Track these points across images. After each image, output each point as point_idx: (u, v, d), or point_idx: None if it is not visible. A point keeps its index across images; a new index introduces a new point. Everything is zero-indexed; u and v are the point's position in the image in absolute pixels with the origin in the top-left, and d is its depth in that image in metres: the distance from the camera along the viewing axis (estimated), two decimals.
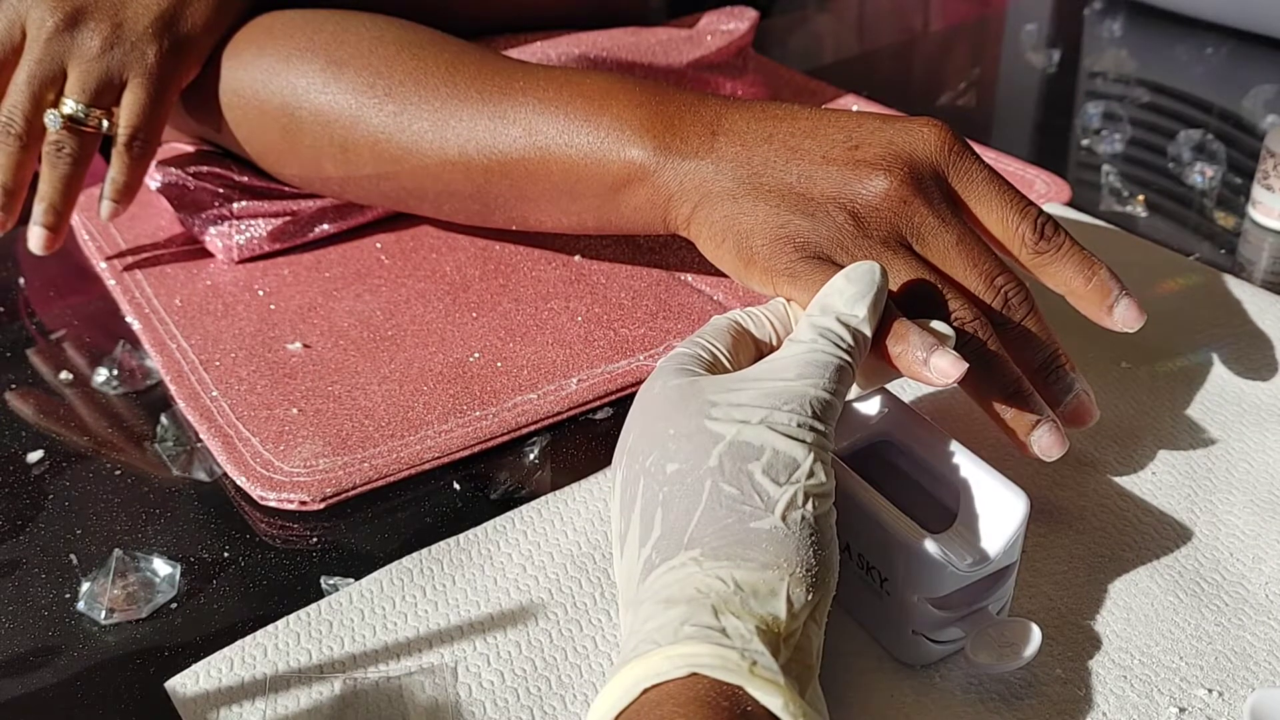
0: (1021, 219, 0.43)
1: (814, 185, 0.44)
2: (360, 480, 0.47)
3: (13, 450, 0.50)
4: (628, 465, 0.36)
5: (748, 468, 0.33)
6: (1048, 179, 0.68)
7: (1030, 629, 0.37)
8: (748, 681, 0.29)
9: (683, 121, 0.48)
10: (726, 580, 0.31)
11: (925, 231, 0.43)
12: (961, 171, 0.44)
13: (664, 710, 0.28)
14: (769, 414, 0.34)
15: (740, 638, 0.30)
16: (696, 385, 0.35)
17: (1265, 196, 0.64)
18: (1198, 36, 0.92)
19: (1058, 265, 0.43)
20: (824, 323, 0.37)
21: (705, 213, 0.46)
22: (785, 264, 0.42)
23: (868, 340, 0.37)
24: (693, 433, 0.34)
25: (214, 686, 0.38)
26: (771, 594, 0.31)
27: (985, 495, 0.37)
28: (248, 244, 0.62)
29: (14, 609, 0.42)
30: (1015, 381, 0.41)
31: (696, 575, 0.31)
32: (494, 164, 0.52)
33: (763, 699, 0.28)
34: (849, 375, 0.36)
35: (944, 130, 0.44)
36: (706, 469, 0.33)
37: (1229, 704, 0.36)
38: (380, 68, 0.55)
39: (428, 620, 0.40)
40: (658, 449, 0.34)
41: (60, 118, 0.56)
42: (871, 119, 0.46)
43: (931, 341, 0.38)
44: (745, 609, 0.30)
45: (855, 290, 0.37)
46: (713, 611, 0.30)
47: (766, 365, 0.36)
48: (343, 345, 0.55)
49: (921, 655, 0.38)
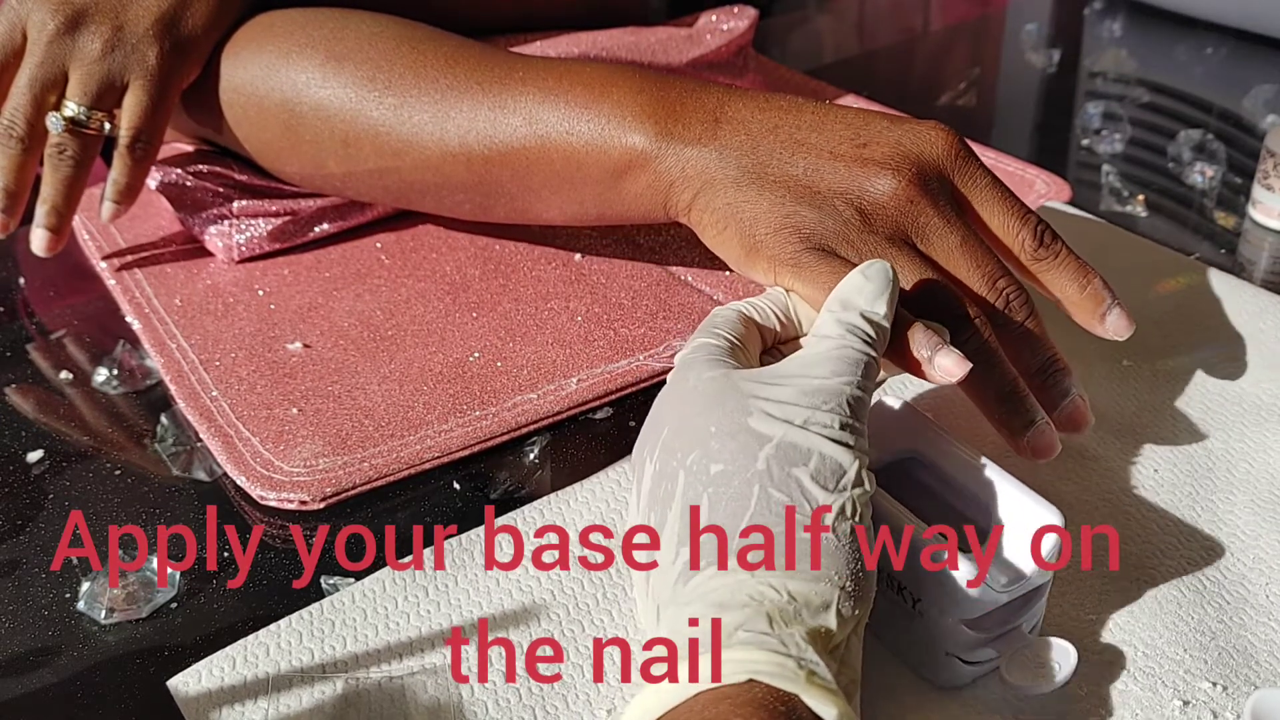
0: (1023, 225, 0.44)
1: (821, 179, 0.44)
2: (360, 480, 0.47)
3: (13, 450, 0.50)
4: (663, 460, 0.35)
5: (795, 473, 0.33)
6: (1048, 179, 0.68)
7: (1067, 649, 0.36)
8: (804, 690, 0.29)
9: (685, 108, 0.48)
10: (779, 589, 0.31)
11: (930, 232, 0.43)
12: (967, 175, 0.45)
13: (720, 709, 0.28)
14: (811, 414, 0.34)
15: (796, 646, 0.30)
16: (731, 380, 0.35)
17: (1265, 196, 0.64)
18: (1198, 36, 0.92)
19: (1055, 272, 0.44)
20: (849, 318, 0.36)
21: (707, 199, 0.46)
22: (790, 254, 0.42)
23: (888, 335, 0.37)
24: (735, 432, 0.34)
25: (216, 685, 0.38)
26: (824, 605, 0.31)
27: (1018, 512, 0.37)
28: (248, 243, 0.62)
29: (14, 609, 0.42)
30: (1013, 381, 0.41)
31: (748, 582, 0.32)
32: (495, 154, 0.52)
33: (818, 708, 0.29)
34: (875, 371, 0.36)
35: (950, 134, 0.45)
36: (754, 473, 0.33)
37: (1233, 698, 0.36)
38: (380, 61, 0.55)
39: (430, 620, 0.40)
40: (699, 447, 0.34)
41: (62, 120, 0.56)
42: (878, 118, 0.46)
43: (936, 340, 0.38)
44: (798, 619, 0.31)
45: (874, 287, 0.37)
46: (768, 620, 0.30)
47: (799, 362, 0.36)
48: (343, 345, 0.55)
49: (954, 677, 0.37)
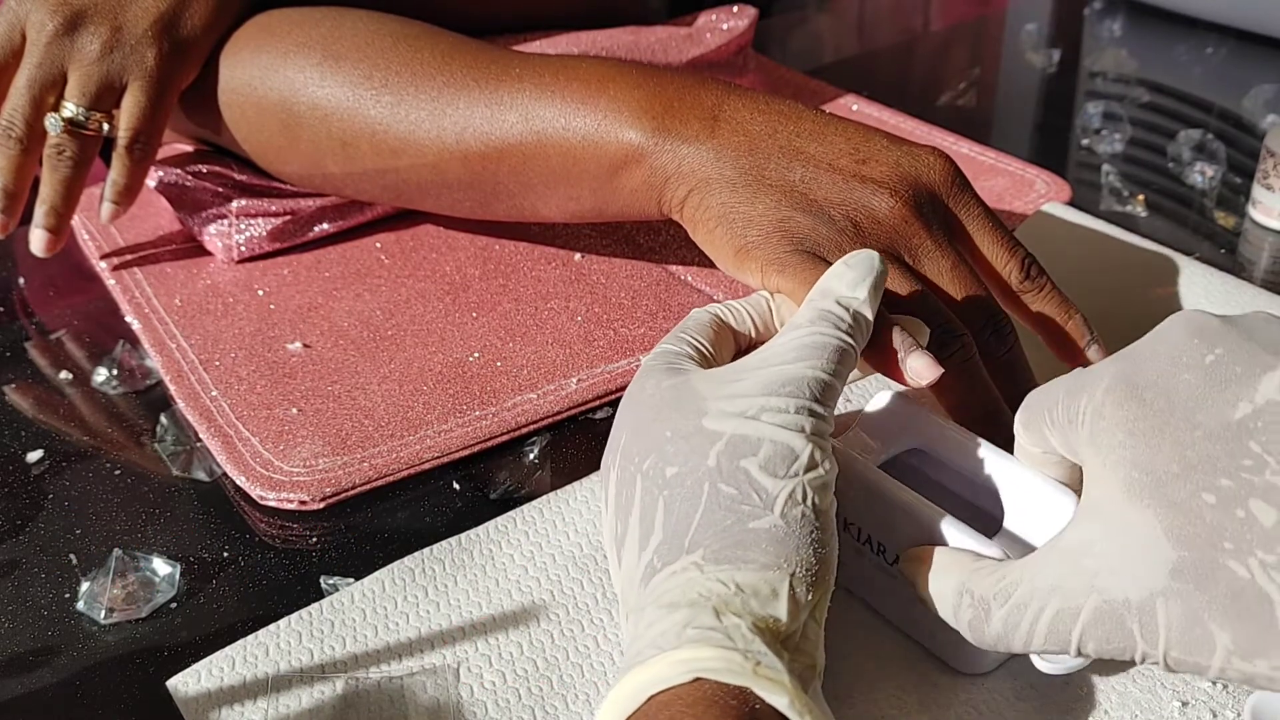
0: (1011, 256, 0.45)
1: (818, 189, 0.44)
2: (360, 480, 0.47)
3: (13, 450, 0.50)
4: (622, 467, 0.35)
5: (744, 465, 0.33)
6: (1048, 179, 0.68)
7: None
8: (752, 681, 0.29)
9: (682, 104, 0.48)
10: (728, 583, 0.31)
11: (922, 253, 0.43)
12: (960, 203, 0.45)
13: (672, 712, 0.28)
14: (765, 401, 0.34)
15: (743, 639, 0.30)
16: (689, 383, 0.35)
17: (1265, 196, 0.64)
18: (1198, 36, 0.92)
19: (1039, 304, 0.45)
20: (823, 305, 0.36)
21: (701, 198, 0.46)
22: (778, 255, 0.42)
23: (869, 323, 0.37)
24: (690, 434, 0.34)
25: (215, 686, 0.38)
26: (773, 594, 0.31)
27: (1032, 496, 0.37)
28: (247, 243, 0.62)
29: (14, 609, 0.42)
30: (995, 401, 0.42)
31: (698, 579, 0.31)
32: (492, 151, 0.52)
33: (768, 697, 0.28)
34: (850, 358, 0.36)
35: (948, 160, 0.46)
36: (705, 470, 0.33)
37: (1233, 696, 0.36)
38: (377, 60, 0.55)
39: (429, 621, 0.40)
40: (655, 452, 0.34)
41: (61, 121, 0.56)
42: (877, 135, 0.46)
43: (910, 342, 0.38)
44: (746, 610, 0.30)
45: (855, 274, 0.37)
46: (714, 614, 0.30)
47: (763, 352, 0.36)
48: (343, 345, 0.55)
49: (980, 664, 0.37)
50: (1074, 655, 0.31)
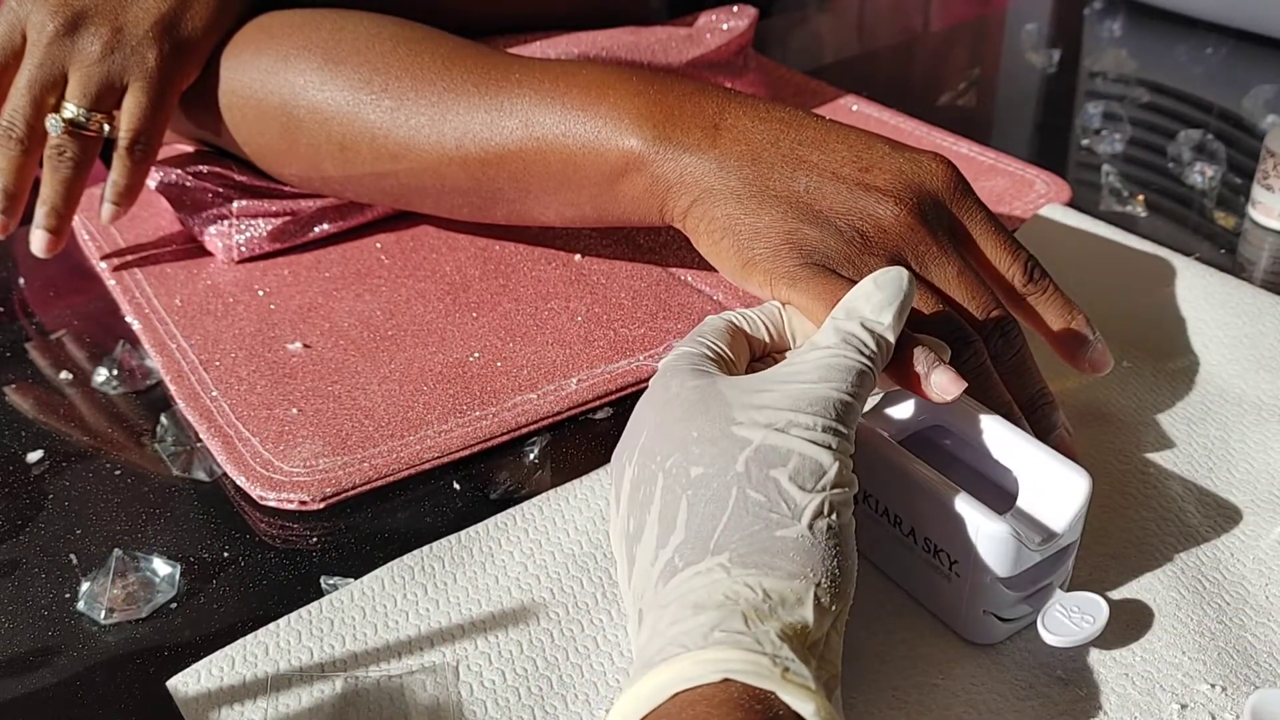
0: (1014, 259, 0.45)
1: (823, 198, 0.44)
2: (360, 480, 0.47)
3: (13, 450, 0.50)
4: (641, 464, 0.36)
5: (773, 474, 0.33)
6: (1048, 179, 0.68)
7: (1097, 601, 0.37)
8: (780, 687, 0.29)
9: (683, 112, 0.48)
10: (755, 588, 0.31)
11: (928, 259, 0.43)
12: (963, 208, 0.45)
13: (697, 711, 0.28)
14: (793, 416, 0.34)
15: (771, 644, 0.30)
16: (715, 388, 0.35)
17: (1265, 196, 0.64)
18: (1198, 36, 0.92)
19: (1042, 306, 0.45)
20: (849, 328, 0.37)
21: (704, 208, 0.46)
22: (787, 268, 0.42)
23: (891, 347, 0.37)
24: (717, 437, 0.34)
25: (215, 685, 0.38)
26: (799, 602, 0.31)
27: (1046, 474, 0.38)
28: (248, 244, 0.62)
29: (14, 609, 0.42)
30: (1007, 405, 0.42)
31: (724, 581, 0.32)
32: (492, 156, 0.52)
33: (795, 704, 0.29)
34: (870, 380, 0.36)
35: (950, 165, 0.46)
36: (733, 474, 0.33)
37: (1231, 699, 0.36)
38: (377, 63, 0.55)
39: (429, 619, 0.40)
40: (679, 451, 0.34)
41: (61, 122, 0.56)
42: (879, 142, 0.46)
43: (933, 358, 0.38)
44: (774, 616, 0.31)
45: (883, 297, 0.37)
46: (743, 618, 0.30)
47: (788, 368, 0.36)
48: (343, 345, 0.55)
49: (992, 634, 0.39)
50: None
